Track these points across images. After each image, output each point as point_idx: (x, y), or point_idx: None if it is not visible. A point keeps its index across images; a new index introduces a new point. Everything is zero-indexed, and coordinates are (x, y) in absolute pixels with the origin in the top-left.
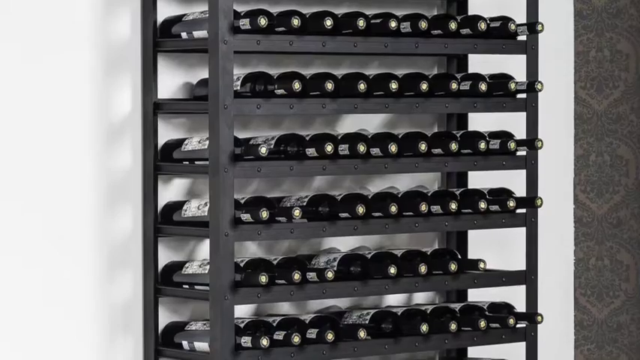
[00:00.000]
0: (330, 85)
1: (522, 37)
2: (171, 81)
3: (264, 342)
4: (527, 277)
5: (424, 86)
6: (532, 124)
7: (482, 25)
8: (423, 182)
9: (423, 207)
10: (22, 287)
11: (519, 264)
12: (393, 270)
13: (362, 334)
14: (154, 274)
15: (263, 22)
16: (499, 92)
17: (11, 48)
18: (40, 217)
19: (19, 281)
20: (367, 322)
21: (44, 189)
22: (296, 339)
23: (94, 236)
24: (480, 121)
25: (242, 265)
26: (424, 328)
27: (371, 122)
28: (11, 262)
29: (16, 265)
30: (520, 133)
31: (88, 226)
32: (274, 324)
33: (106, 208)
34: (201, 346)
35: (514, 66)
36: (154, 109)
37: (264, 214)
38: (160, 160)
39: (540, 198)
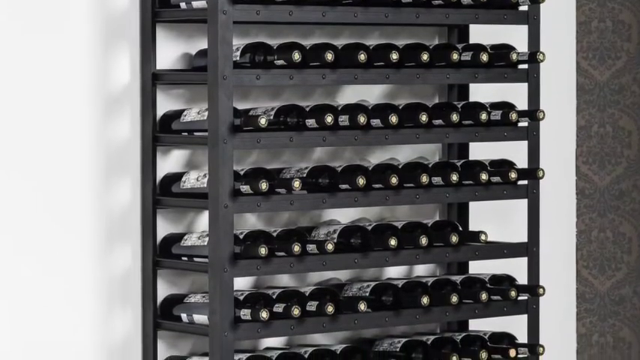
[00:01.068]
0: (330, 56)
1: (524, 8)
2: (170, 52)
3: (264, 314)
4: (529, 249)
5: (425, 57)
6: (534, 95)
7: None
8: (424, 153)
9: (424, 178)
10: (21, 260)
11: (521, 236)
12: (393, 242)
13: (362, 306)
14: (152, 246)
15: None
16: (500, 63)
17: (10, 19)
18: (39, 189)
19: (17, 254)
20: (367, 294)
21: (43, 161)
22: (296, 311)
23: (92, 208)
24: (481, 92)
25: (241, 236)
26: (425, 300)
27: (371, 93)
28: (9, 234)
29: (15, 237)
30: (522, 104)
31: (87, 198)
32: (274, 296)
33: (104, 179)
34: (201, 318)
35: (516, 36)
36: (152, 79)
37: (264, 185)
38: (159, 132)
39: (542, 169)
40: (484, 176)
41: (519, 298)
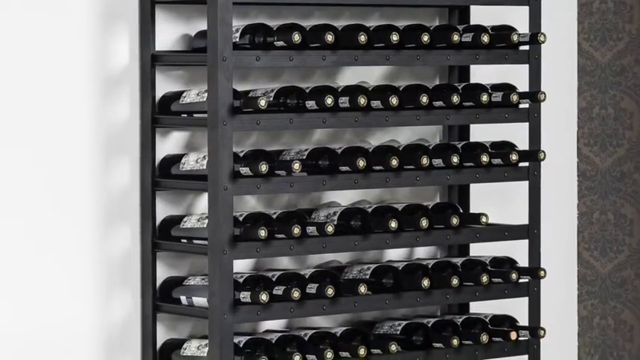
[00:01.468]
0: (330, 37)
1: None
2: (170, 33)
3: (264, 297)
4: (530, 232)
5: (425, 38)
6: (535, 77)
7: None
8: (425, 135)
9: (425, 160)
10: (18, 242)
11: (522, 218)
12: (393, 224)
13: (362, 289)
14: (151, 228)
15: None
16: (501, 44)
17: (8, 0)
18: (38, 170)
19: (15, 236)
20: (368, 276)
21: (42, 142)
22: (296, 294)
23: (91, 190)
24: (482, 74)
25: (241, 219)
26: (425, 283)
27: (371, 74)
28: (8, 216)
29: (13, 219)
30: (523, 86)
31: (86, 180)
32: (274, 279)
33: (103, 161)
34: (200, 301)
35: (516, 18)
36: (151, 61)
37: (264, 167)
38: (158, 113)
39: (543, 151)
40: (485, 158)
41: (520, 280)
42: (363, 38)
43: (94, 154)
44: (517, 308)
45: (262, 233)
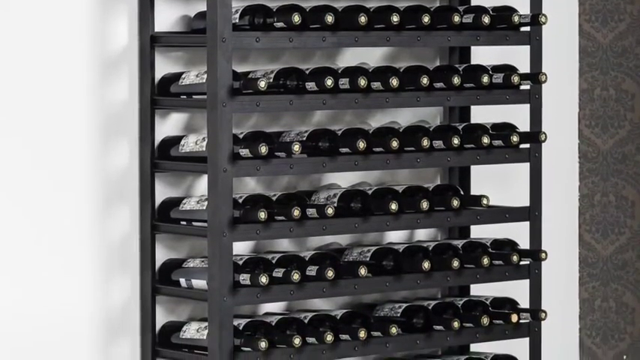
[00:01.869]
0: (330, 18)
1: None
2: (169, 13)
3: (263, 279)
4: (531, 214)
5: (426, 19)
6: (536, 58)
7: None
8: (425, 117)
9: (425, 142)
10: (16, 225)
11: (523, 200)
12: (394, 206)
13: (362, 271)
14: (150, 211)
15: None
16: (502, 25)
17: None
18: (35, 152)
19: (13, 218)
20: (368, 259)
21: (40, 123)
22: (295, 276)
23: (89, 172)
24: (483, 55)
25: (240, 201)
26: (426, 265)
27: (372, 56)
28: (6, 198)
29: (11, 201)
30: (524, 67)
31: (84, 161)
32: (273, 261)
33: (102, 142)
34: (199, 283)
35: None
36: (151, 42)
37: (263, 149)
38: (157, 95)
39: (544, 133)
40: (486, 140)
41: (521, 262)
42: (363, 19)
43: (92, 135)
44: (518, 291)
45: (262, 215)
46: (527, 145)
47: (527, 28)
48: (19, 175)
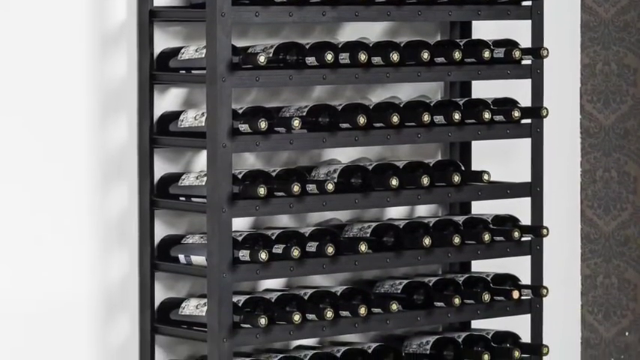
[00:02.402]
0: None
1: None
2: None
3: (263, 256)
4: (533, 190)
5: None
6: (537, 33)
7: None
8: (426, 92)
9: (426, 117)
10: (15, 201)
11: (524, 176)
12: (394, 182)
13: (363, 247)
14: (149, 186)
15: None
16: (503, 0)
17: None
18: (34, 127)
19: (11, 195)
20: (368, 235)
21: (38, 99)
22: (295, 252)
23: (88, 147)
24: (484, 30)
25: (240, 176)
26: (427, 241)
27: (372, 30)
28: (3, 175)
29: (9, 178)
30: (525, 42)
31: (82, 137)
32: (273, 237)
33: (100, 118)
34: (198, 259)
35: None
36: (150, 16)
37: (263, 124)
38: (156, 70)
39: (546, 108)
40: (487, 115)
41: (523, 239)
42: None
43: (91, 111)
44: (519, 267)
45: (261, 191)
46: (529, 121)
47: (529, 3)
48: (18, 151)
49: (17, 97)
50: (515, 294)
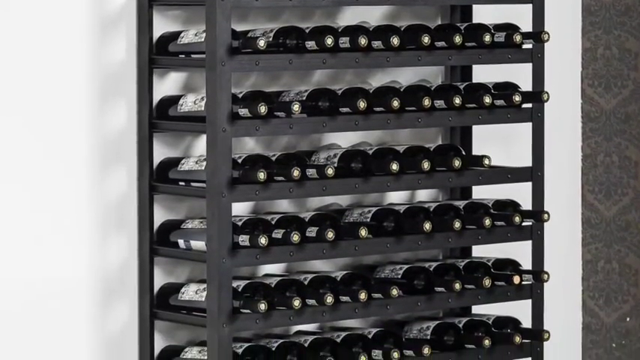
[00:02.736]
0: None
1: None
2: None
3: (263, 240)
4: (534, 174)
5: None
6: (538, 17)
7: None
8: (426, 76)
9: (426, 101)
10: (14, 187)
11: (525, 160)
12: (395, 166)
13: (363, 232)
14: (149, 171)
15: None
16: None
17: None
18: (32, 112)
19: (10, 181)
20: (368, 220)
21: (36, 84)
22: (295, 237)
23: (87, 131)
24: (485, 14)
25: (240, 161)
26: (427, 226)
27: (372, 14)
28: (1, 161)
29: (8, 164)
30: (526, 26)
31: (81, 121)
32: (273, 222)
33: (99, 102)
34: (198, 244)
35: None
36: (149, 0)
37: (263, 108)
38: (156, 54)
39: (547, 92)
40: (487, 99)
41: (523, 223)
42: None
43: (90, 95)
44: (520, 252)
45: (261, 175)
46: (530, 105)
47: None
48: (16, 136)
49: (16, 81)
50: (516, 279)
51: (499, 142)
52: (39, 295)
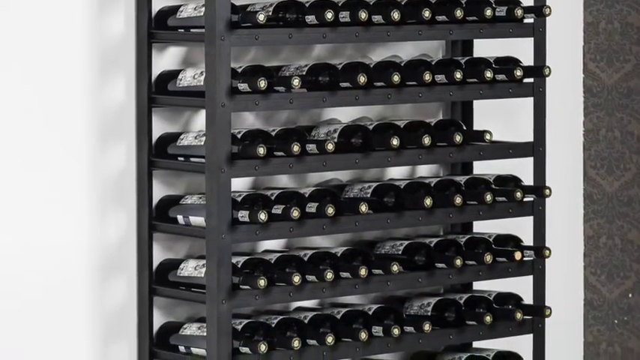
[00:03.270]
0: None
1: None
2: None
3: (262, 216)
4: (535, 149)
5: None
6: None
7: None
8: (427, 51)
9: (427, 76)
10: (11, 162)
11: (527, 136)
12: (395, 141)
13: (363, 208)
14: (147, 146)
15: None
16: None
17: None
18: (29, 87)
19: (7, 156)
20: (369, 195)
21: (35, 57)
22: (295, 213)
23: (84, 106)
24: None
25: (239, 136)
26: (428, 201)
27: None
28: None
29: (5, 140)
30: (527, 0)
31: (79, 96)
32: (272, 198)
33: (98, 77)
34: (197, 220)
35: None
36: None
37: (262, 83)
38: (155, 28)
39: (548, 67)
40: (489, 74)
41: (525, 199)
42: None
43: (88, 70)
44: (521, 228)
45: (261, 151)
46: (531, 80)
47: None
48: (15, 110)
49: (14, 55)
50: (518, 255)
51: (500, 117)
52: (38, 272)
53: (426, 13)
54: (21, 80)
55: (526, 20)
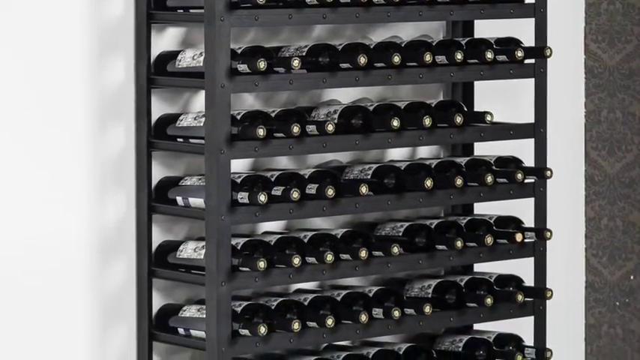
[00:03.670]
0: None
1: None
2: None
3: (262, 198)
4: (536, 131)
5: None
6: None
7: None
8: (428, 31)
9: (428, 57)
10: (10, 144)
11: (528, 117)
12: (396, 122)
13: (363, 189)
14: (146, 127)
15: None
16: None
17: None
18: (28, 69)
19: (6, 138)
20: (369, 177)
21: (33, 39)
22: (295, 194)
23: (83, 88)
24: None
25: (239, 117)
26: (428, 183)
27: None
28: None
29: (4, 119)
30: None
31: (78, 77)
32: (272, 179)
33: (97, 58)
34: (196, 202)
35: None
36: None
37: (262, 64)
38: (153, 8)
39: (550, 48)
40: (489, 55)
41: (526, 180)
42: None
43: (86, 51)
44: (522, 209)
45: (260, 132)
46: (532, 61)
47: None
48: (12, 93)
49: (13, 37)
50: (519, 237)
51: (501, 98)
52: (37, 254)
53: None
54: (20, 61)
55: (527, 0)
